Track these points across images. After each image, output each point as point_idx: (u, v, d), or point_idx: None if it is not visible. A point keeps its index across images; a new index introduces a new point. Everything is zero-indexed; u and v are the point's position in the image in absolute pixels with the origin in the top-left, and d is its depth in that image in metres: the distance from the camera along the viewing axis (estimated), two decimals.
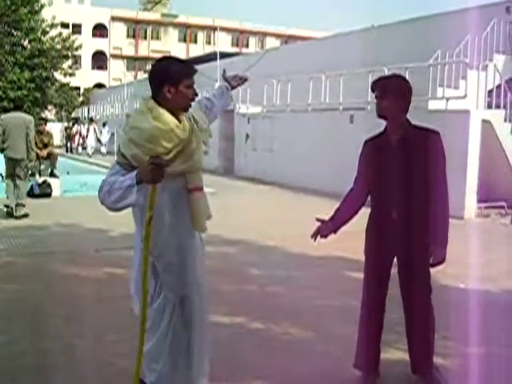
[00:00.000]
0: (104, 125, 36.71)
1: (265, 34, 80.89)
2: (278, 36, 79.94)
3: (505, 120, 14.78)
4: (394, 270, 4.47)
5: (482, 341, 5.33)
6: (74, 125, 40.63)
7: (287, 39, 74.09)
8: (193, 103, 3.57)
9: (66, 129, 41.19)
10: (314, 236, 4.65)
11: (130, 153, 3.29)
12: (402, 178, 4.27)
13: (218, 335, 5.50)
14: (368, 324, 4.55)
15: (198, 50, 71.96)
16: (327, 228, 4.73)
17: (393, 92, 4.32)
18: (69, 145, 39.89)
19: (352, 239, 10.07)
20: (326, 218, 4.57)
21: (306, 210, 14.08)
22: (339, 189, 16.40)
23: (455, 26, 17.49)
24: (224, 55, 32.90)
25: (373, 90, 4.45)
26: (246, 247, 9.62)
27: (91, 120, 38.07)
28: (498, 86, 15.37)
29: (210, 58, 35.41)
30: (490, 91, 15.40)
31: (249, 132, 22.94)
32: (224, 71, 4.45)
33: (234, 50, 66.60)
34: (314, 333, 5.72)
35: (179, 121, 3.43)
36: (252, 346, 5.29)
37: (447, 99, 14.86)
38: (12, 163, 12.11)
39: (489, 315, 6.14)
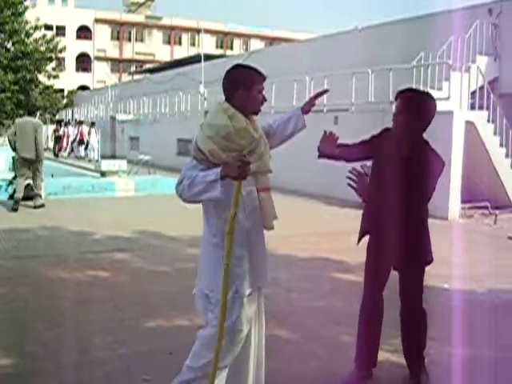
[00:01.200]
0: (92, 125, 33.44)
1: (249, 36, 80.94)
2: (262, 38, 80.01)
3: (488, 121, 14.87)
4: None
5: (466, 341, 5.36)
6: (61, 127, 37.09)
7: (271, 41, 74.17)
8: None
9: (54, 131, 37.30)
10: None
11: (208, 148, 3.49)
12: (400, 194, 4.21)
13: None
14: (367, 327, 4.58)
15: (182, 51, 71.78)
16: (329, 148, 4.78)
17: (415, 110, 4.26)
18: (57, 148, 35.60)
19: (336, 240, 10.18)
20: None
21: (291, 212, 14.10)
22: (324, 190, 16.65)
23: (438, 27, 17.59)
24: (208, 57, 32.87)
25: (396, 99, 4.40)
26: None
27: (93, 124, 33.97)
28: (481, 88, 15.48)
29: (194, 60, 35.37)
30: (473, 92, 15.49)
31: None
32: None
33: (219, 51, 66.51)
34: (301, 334, 5.72)
35: (251, 122, 3.63)
36: None
37: None
38: (26, 163, 13.53)
39: (474, 315, 6.18)
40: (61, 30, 69.51)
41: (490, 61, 17.37)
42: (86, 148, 32.91)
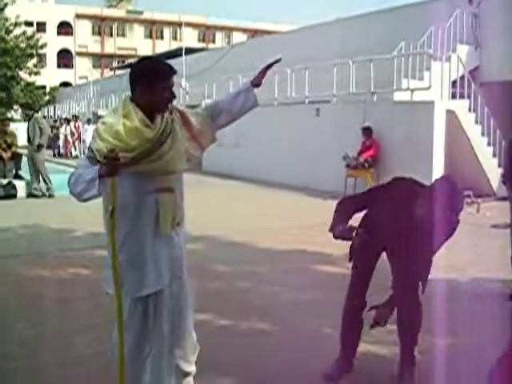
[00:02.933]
0: (89, 122, 30.28)
1: (231, 29, 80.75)
2: (244, 31, 79.84)
3: (469, 110, 14.92)
4: None
5: (451, 330, 5.36)
6: (62, 124, 33.71)
7: (254, 33, 73.99)
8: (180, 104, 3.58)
9: (52, 128, 32.19)
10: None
11: (96, 147, 3.30)
12: None
13: None
14: (351, 317, 4.61)
15: (164, 46, 71.51)
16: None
17: None
18: (56, 147, 32.67)
19: (318, 232, 10.15)
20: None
21: (273, 204, 14.13)
22: (306, 182, 16.64)
23: (419, 17, 17.68)
24: (191, 50, 32.78)
25: None
26: (213, 243, 9.56)
27: (89, 120, 30.77)
28: (462, 77, 15.51)
29: (176, 53, 35.19)
30: (454, 82, 15.52)
31: None
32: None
33: (201, 45, 66.30)
34: (283, 327, 5.70)
35: (152, 120, 3.41)
36: (220, 343, 5.24)
37: (412, 90, 14.97)
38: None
39: (456, 304, 6.18)
40: (41, 26, 68.96)
41: (471, 50, 17.42)
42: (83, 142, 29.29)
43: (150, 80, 3.41)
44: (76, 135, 31.13)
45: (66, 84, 70.15)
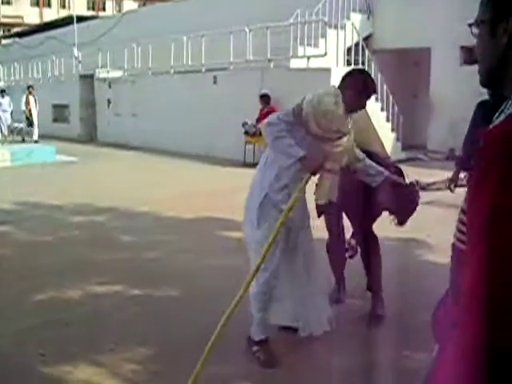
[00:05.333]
0: (2, 93, 23.79)
1: None
2: None
3: None
4: None
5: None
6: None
7: (145, 1, 72.48)
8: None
9: None
10: None
11: (306, 109, 4.04)
12: None
13: (96, 305, 5.42)
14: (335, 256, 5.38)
15: (52, 14, 68.85)
16: None
17: None
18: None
19: (222, 199, 10.22)
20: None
21: (174, 173, 14.08)
22: (205, 150, 16.64)
23: None
24: (81, 19, 31.73)
25: None
26: (117, 214, 9.43)
27: (3, 91, 23.99)
28: (357, 44, 15.83)
29: (66, 22, 34.01)
30: (349, 49, 15.82)
31: (110, 97, 22.42)
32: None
33: (91, 13, 64.33)
34: (196, 294, 5.72)
35: (347, 117, 4.21)
36: (134, 314, 5.22)
37: (308, 57, 15.15)
38: None
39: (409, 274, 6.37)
40: None
41: (364, 18, 17.78)
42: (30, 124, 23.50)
43: (363, 91, 4.21)
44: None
45: None
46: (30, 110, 22.68)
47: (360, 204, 4.86)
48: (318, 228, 5.03)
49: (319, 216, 5.04)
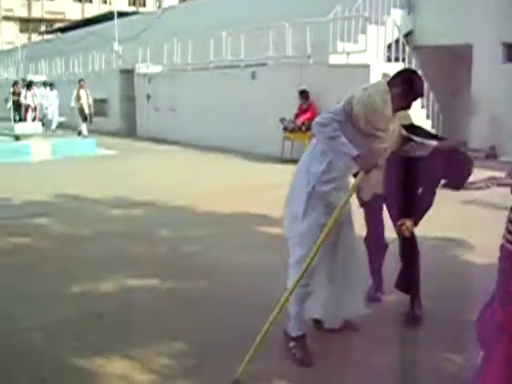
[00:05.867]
0: (51, 86, 24.68)
1: None
2: None
3: None
4: None
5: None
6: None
7: None
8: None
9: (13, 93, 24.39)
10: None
11: (356, 109, 4.07)
12: None
13: (131, 299, 5.43)
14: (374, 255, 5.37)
15: (93, 9, 69.50)
16: None
17: None
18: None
19: (259, 195, 10.18)
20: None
21: (211, 168, 14.07)
22: (243, 146, 16.60)
23: None
24: (121, 14, 31.92)
25: None
26: (154, 208, 9.46)
27: (51, 85, 25.05)
28: (397, 41, 15.64)
29: (107, 17, 34.28)
30: (389, 45, 15.64)
31: (150, 92, 22.54)
32: None
33: (131, 9, 64.78)
34: (232, 290, 5.69)
35: (393, 116, 4.21)
36: (168, 308, 5.21)
37: (348, 53, 15.02)
38: None
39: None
40: None
41: (404, 14, 17.51)
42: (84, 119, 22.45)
43: (412, 92, 4.20)
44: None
45: None
46: (81, 104, 22.07)
47: (406, 195, 4.81)
48: (359, 225, 4.96)
49: (361, 206, 5.09)
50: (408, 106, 4.29)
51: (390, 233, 5.16)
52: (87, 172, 13.57)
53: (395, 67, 14.78)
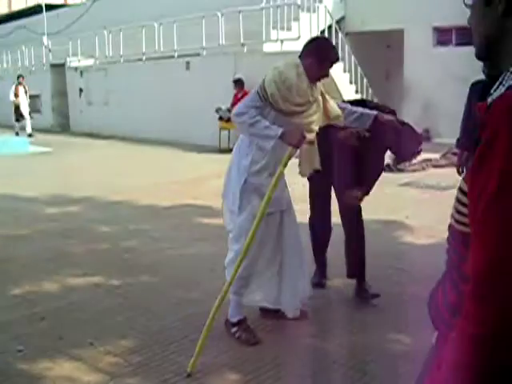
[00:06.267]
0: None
1: None
2: None
3: (344, 71, 15.22)
4: None
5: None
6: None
7: None
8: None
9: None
10: None
11: (271, 91, 4.01)
12: None
13: (73, 298, 5.32)
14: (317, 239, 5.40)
15: (20, 3, 67.75)
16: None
17: None
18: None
19: (199, 186, 10.13)
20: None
21: (148, 161, 13.97)
22: (180, 137, 16.51)
23: None
24: (50, 7, 31.24)
25: None
26: (92, 204, 9.30)
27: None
28: (330, 27, 15.75)
29: (35, 10, 33.51)
30: (322, 32, 15.74)
31: (82, 86, 22.16)
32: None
33: (60, 1, 63.39)
34: (175, 283, 5.64)
35: (312, 86, 4.16)
36: (112, 305, 5.12)
37: (281, 41, 15.06)
38: None
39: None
40: None
41: (336, 1, 17.68)
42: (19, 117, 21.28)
43: (325, 58, 4.13)
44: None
45: None
46: (18, 103, 21.01)
47: (350, 169, 4.82)
48: (301, 211, 4.99)
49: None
50: (326, 74, 4.22)
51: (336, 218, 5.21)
52: (21, 170, 13.26)
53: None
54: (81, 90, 22.20)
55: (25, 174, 12.53)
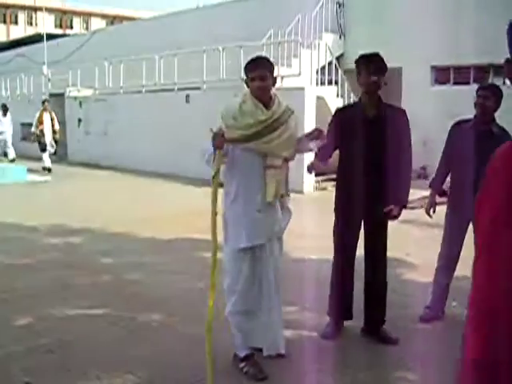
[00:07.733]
0: (4, 111, 22.45)
1: (89, 15, 78.36)
2: (103, 16, 77.66)
3: (337, 95, 15.37)
4: None
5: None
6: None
7: (113, 20, 72.33)
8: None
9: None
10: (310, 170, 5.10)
11: (218, 125, 4.15)
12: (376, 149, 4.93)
13: (79, 330, 5.31)
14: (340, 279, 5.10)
15: (19, 31, 68.42)
16: (318, 166, 5.09)
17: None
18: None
19: (199, 219, 10.12)
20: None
21: (148, 193, 13.99)
22: (178, 170, 16.54)
23: (286, 5, 17.90)
24: (49, 37, 31.53)
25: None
26: (93, 235, 9.31)
27: (5, 109, 22.45)
28: (330, 63, 15.94)
29: (34, 39, 33.80)
30: (322, 68, 15.93)
31: (81, 116, 22.25)
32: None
33: (58, 31, 63.97)
34: (180, 317, 5.64)
35: (266, 107, 4.18)
36: (118, 338, 5.12)
37: (282, 77, 15.20)
38: None
39: None
40: None
41: (336, 38, 17.92)
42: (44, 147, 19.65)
43: (247, 72, 4.24)
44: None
45: None
46: (42, 130, 19.29)
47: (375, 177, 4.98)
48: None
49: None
50: (259, 86, 4.15)
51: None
52: (20, 199, 13.28)
53: (329, 90, 15.11)
54: (79, 120, 22.28)
55: (24, 203, 12.56)
